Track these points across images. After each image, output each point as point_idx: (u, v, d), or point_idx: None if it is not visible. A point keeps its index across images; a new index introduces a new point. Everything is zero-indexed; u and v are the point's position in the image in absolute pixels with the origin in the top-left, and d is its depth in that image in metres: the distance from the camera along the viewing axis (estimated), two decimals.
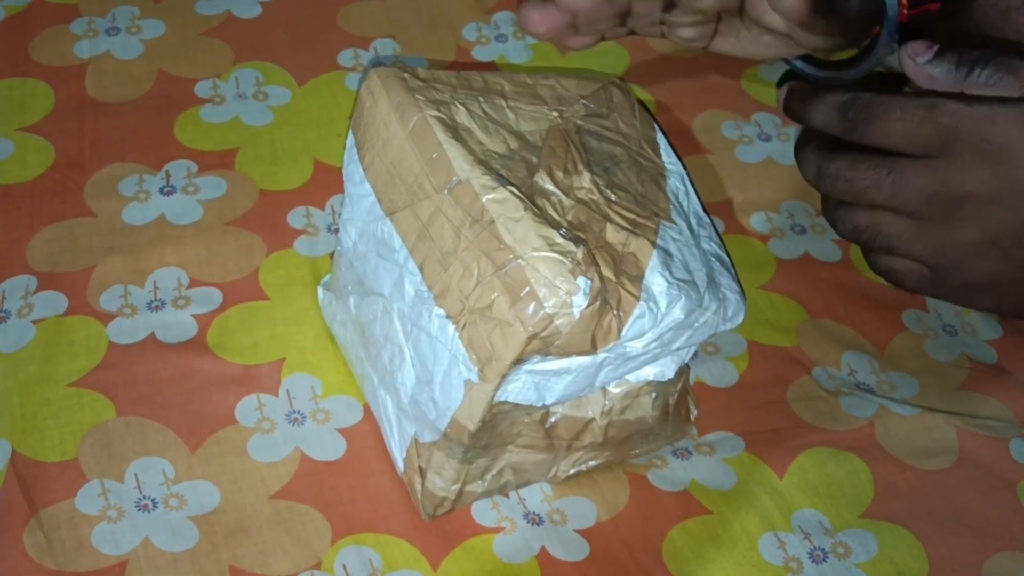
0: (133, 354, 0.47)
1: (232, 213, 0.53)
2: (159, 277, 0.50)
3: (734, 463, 0.47)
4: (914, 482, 0.47)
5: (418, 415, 0.42)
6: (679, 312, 0.39)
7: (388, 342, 0.43)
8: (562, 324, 0.37)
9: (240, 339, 0.48)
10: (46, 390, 0.46)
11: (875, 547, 0.44)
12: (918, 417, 0.48)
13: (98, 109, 0.57)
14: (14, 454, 0.44)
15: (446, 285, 0.39)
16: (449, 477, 0.42)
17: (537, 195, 0.40)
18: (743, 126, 0.61)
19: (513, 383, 0.40)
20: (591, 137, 0.43)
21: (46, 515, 0.42)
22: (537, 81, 0.45)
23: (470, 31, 0.64)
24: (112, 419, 0.45)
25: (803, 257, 0.55)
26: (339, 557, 0.42)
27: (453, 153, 0.40)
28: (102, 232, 0.52)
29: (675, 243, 0.41)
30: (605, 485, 0.45)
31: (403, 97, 0.41)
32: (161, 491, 0.43)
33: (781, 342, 0.51)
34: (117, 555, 0.41)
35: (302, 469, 0.45)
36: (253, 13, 0.63)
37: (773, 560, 0.44)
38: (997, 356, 0.52)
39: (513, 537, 0.43)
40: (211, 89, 0.59)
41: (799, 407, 0.49)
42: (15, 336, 0.48)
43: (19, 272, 0.50)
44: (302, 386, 0.47)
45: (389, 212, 0.42)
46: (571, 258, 0.37)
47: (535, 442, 0.43)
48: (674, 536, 0.44)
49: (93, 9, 0.62)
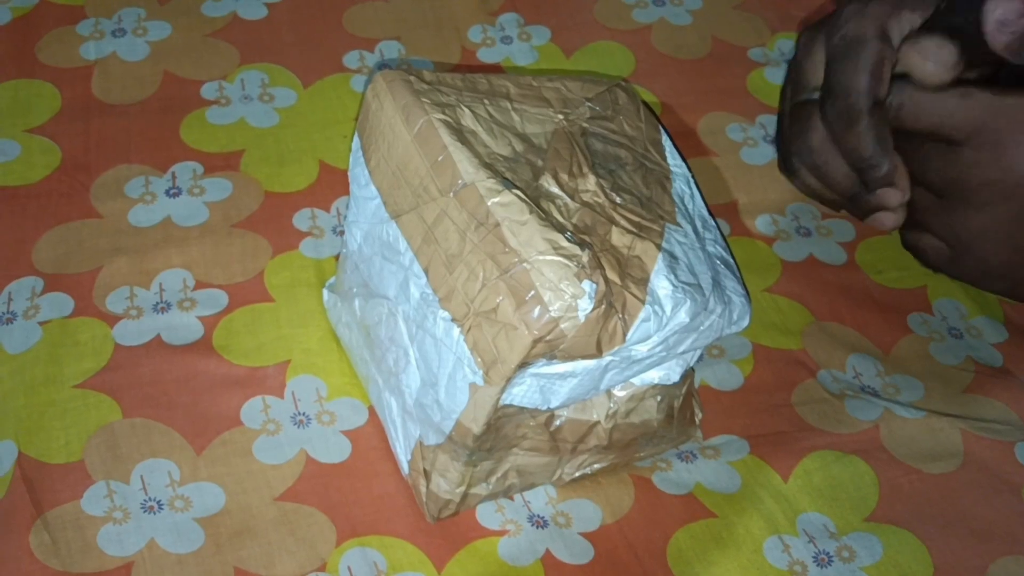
0: (139, 356, 0.47)
1: (238, 215, 0.53)
2: (165, 279, 0.50)
3: (739, 466, 0.47)
4: (919, 485, 0.46)
5: (423, 418, 0.42)
6: (684, 315, 0.39)
7: (393, 344, 0.43)
8: (567, 327, 0.37)
9: (245, 341, 0.48)
10: (52, 391, 0.46)
11: (880, 550, 0.44)
12: (923, 420, 0.48)
13: (104, 110, 0.57)
14: (20, 455, 0.44)
15: (451, 288, 0.39)
16: (454, 480, 0.42)
17: (542, 198, 0.40)
18: (748, 128, 0.61)
19: (518, 386, 0.40)
20: (596, 140, 0.43)
21: (52, 516, 0.42)
22: (542, 83, 0.45)
23: (475, 33, 0.64)
24: (118, 420, 0.45)
25: (808, 260, 0.55)
26: (344, 559, 0.42)
27: (458, 156, 0.40)
28: (108, 234, 0.52)
29: (680, 246, 0.41)
30: (610, 488, 0.45)
31: (408, 100, 0.41)
32: (166, 493, 0.43)
33: (786, 345, 0.51)
34: (122, 556, 0.42)
35: (307, 471, 0.45)
36: (259, 15, 0.63)
37: (778, 563, 0.44)
38: (1002, 359, 0.52)
39: (517, 540, 0.43)
40: (217, 91, 0.59)
41: (804, 410, 0.49)
42: (21, 337, 0.48)
43: (25, 274, 0.50)
44: (307, 388, 0.47)
45: (394, 215, 0.42)
46: (576, 261, 0.37)
47: (540, 445, 0.43)
48: (679, 539, 0.44)
49: (99, 11, 0.62)
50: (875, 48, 0.48)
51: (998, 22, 0.45)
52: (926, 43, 0.46)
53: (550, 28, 0.64)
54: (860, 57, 0.48)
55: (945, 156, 0.47)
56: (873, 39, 0.48)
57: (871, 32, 0.48)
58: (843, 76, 0.48)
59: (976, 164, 0.46)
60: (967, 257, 0.49)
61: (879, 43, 0.48)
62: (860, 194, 0.50)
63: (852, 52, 0.48)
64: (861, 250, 0.56)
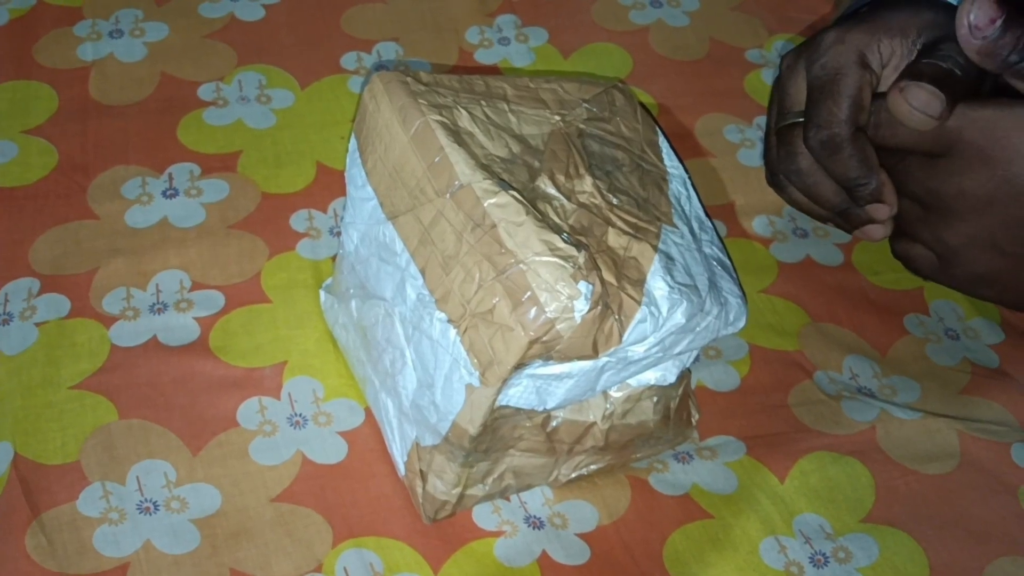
0: (135, 357, 0.47)
1: (234, 216, 0.53)
2: (161, 280, 0.50)
3: (735, 467, 0.47)
4: (915, 486, 0.47)
5: (419, 419, 0.42)
6: (680, 316, 0.39)
7: (389, 345, 0.43)
8: (563, 328, 0.37)
9: (242, 342, 0.48)
10: (48, 392, 0.46)
11: (876, 551, 0.44)
12: (919, 421, 0.48)
13: (101, 112, 0.57)
14: (16, 456, 0.44)
15: (447, 289, 0.39)
16: (450, 481, 0.42)
17: (539, 199, 0.40)
18: (745, 129, 0.61)
19: (514, 387, 0.40)
20: (593, 141, 0.43)
21: (48, 517, 0.42)
22: (539, 85, 0.45)
23: (473, 34, 0.64)
24: (114, 422, 0.45)
25: (805, 261, 0.55)
26: (340, 560, 0.42)
27: (455, 157, 0.40)
28: (105, 235, 0.52)
29: (677, 247, 0.41)
30: (606, 489, 0.45)
31: (405, 101, 0.41)
32: (163, 494, 0.43)
33: (783, 346, 0.51)
34: (118, 557, 0.42)
35: (303, 472, 0.45)
36: (256, 16, 0.63)
37: (774, 564, 0.44)
38: (999, 360, 0.52)
39: (514, 541, 0.43)
40: (214, 92, 0.59)
41: (800, 411, 0.49)
42: (18, 338, 0.48)
43: (22, 275, 0.50)
44: (304, 389, 0.47)
45: (391, 216, 0.42)
46: (572, 263, 0.38)
47: (536, 446, 0.43)
48: (675, 540, 0.44)
49: (96, 12, 0.62)
50: (855, 77, 0.48)
51: (972, 27, 0.45)
52: (916, 92, 0.46)
53: (547, 29, 0.64)
54: (840, 86, 0.48)
55: (925, 168, 0.48)
56: (853, 67, 0.48)
57: (851, 60, 0.49)
58: (824, 107, 0.49)
59: (956, 175, 0.47)
60: (954, 265, 0.49)
61: (859, 71, 0.48)
62: (849, 209, 0.51)
63: (832, 82, 0.49)
64: (857, 251, 0.56)
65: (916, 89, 0.46)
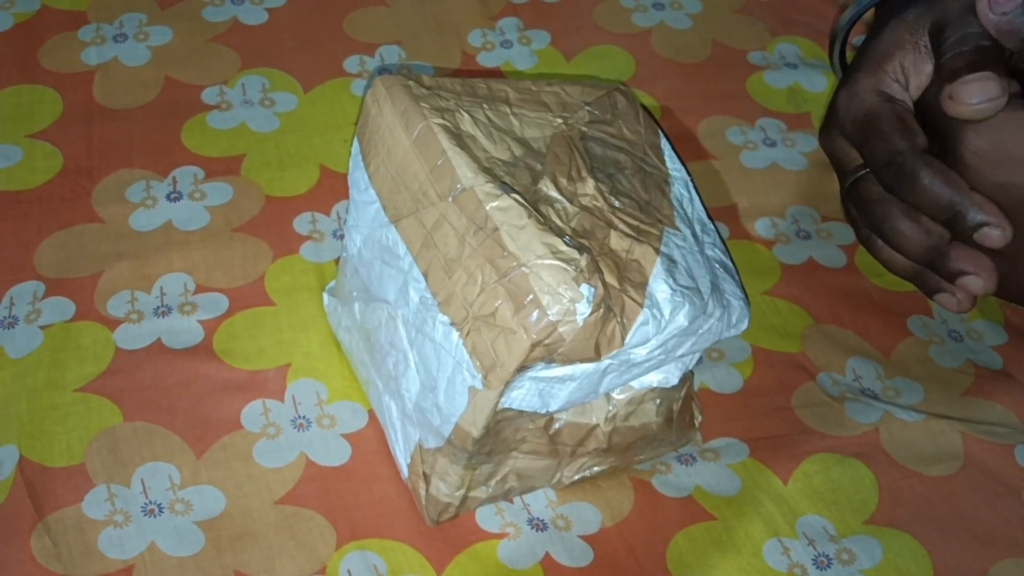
0: (140, 360, 0.48)
1: (238, 219, 0.53)
2: (166, 283, 0.50)
3: (738, 469, 0.47)
4: (919, 488, 0.47)
5: (422, 421, 0.42)
6: (683, 319, 0.39)
7: (393, 348, 0.43)
8: (566, 331, 0.37)
9: (246, 345, 0.49)
10: (53, 395, 0.46)
11: (879, 554, 0.44)
12: (923, 423, 0.48)
13: (106, 115, 0.57)
14: (22, 459, 0.44)
15: (450, 292, 0.39)
16: (453, 483, 0.42)
17: (541, 202, 0.40)
18: (748, 131, 0.61)
19: (517, 390, 0.40)
20: (595, 143, 0.44)
21: (53, 520, 0.42)
22: (541, 88, 0.45)
23: (475, 37, 0.64)
24: (119, 424, 0.45)
25: (808, 263, 0.55)
26: (344, 562, 0.42)
27: (457, 160, 0.40)
28: (109, 238, 0.52)
29: (679, 250, 0.41)
30: (609, 491, 0.45)
31: (408, 105, 0.42)
32: (167, 496, 0.43)
33: (786, 348, 0.51)
34: (123, 560, 0.42)
35: (307, 474, 0.45)
36: (260, 20, 0.63)
37: (777, 566, 0.44)
38: (1003, 362, 0.52)
39: (517, 543, 0.44)
40: (218, 95, 0.59)
41: (804, 413, 0.49)
42: (23, 342, 0.48)
43: (27, 278, 0.50)
44: (307, 392, 0.47)
45: (394, 219, 0.42)
46: (575, 265, 0.38)
47: (539, 448, 0.43)
48: (678, 542, 0.44)
49: (101, 16, 0.62)
50: (888, 110, 0.48)
51: (991, 2, 0.44)
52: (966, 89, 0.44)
53: (550, 32, 0.65)
54: (880, 122, 0.48)
55: None
56: (880, 103, 0.48)
57: (874, 100, 0.48)
58: (877, 145, 0.48)
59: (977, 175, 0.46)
60: None
61: (888, 104, 0.48)
62: (937, 259, 0.48)
63: (871, 124, 0.48)
64: (861, 253, 0.56)
65: (963, 87, 0.44)
